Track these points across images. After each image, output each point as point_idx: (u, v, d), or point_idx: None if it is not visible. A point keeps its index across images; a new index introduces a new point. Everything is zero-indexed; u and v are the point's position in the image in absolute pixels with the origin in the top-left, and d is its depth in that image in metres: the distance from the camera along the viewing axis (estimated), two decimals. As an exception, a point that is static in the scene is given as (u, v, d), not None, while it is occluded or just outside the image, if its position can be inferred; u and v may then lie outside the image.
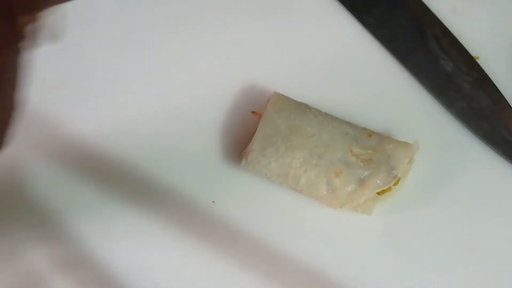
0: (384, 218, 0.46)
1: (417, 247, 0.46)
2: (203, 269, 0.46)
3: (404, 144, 0.44)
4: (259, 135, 0.44)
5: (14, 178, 0.48)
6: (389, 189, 0.44)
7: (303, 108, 0.46)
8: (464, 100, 0.49)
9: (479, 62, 0.49)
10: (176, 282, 0.46)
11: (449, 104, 0.49)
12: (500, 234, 0.46)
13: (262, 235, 0.46)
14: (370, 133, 0.45)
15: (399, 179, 0.44)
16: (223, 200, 0.47)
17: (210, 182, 0.48)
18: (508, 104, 0.48)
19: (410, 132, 0.47)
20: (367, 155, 0.44)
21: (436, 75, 0.49)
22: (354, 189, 0.43)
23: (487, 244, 0.46)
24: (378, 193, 0.44)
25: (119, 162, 0.48)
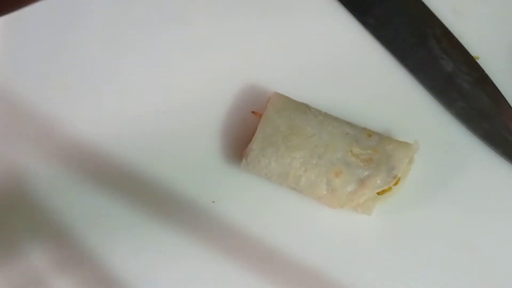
0: (384, 218, 0.46)
1: (417, 247, 0.46)
2: (203, 269, 0.46)
3: (404, 144, 0.44)
4: (259, 135, 0.44)
5: (14, 178, 0.48)
6: (389, 189, 0.44)
7: (303, 108, 0.46)
8: (464, 100, 0.49)
9: (479, 62, 0.49)
10: (176, 282, 0.46)
11: (449, 104, 0.49)
12: (500, 234, 0.46)
13: (262, 235, 0.46)
14: (370, 133, 0.45)
15: (399, 179, 0.44)
16: (223, 200, 0.47)
17: (210, 182, 0.48)
18: (508, 104, 0.48)
19: (410, 132, 0.47)
20: (367, 155, 0.44)
21: (436, 75, 0.49)
22: (354, 189, 0.43)
23: (487, 244, 0.46)
24: (378, 193, 0.44)
25: (119, 162, 0.48)
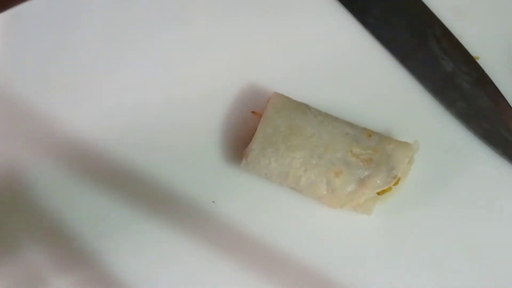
0: (384, 218, 0.46)
1: (416, 247, 0.46)
2: (203, 268, 0.46)
3: (404, 144, 0.44)
4: (259, 135, 0.44)
5: (14, 177, 0.48)
6: (389, 189, 0.44)
7: (303, 108, 0.46)
8: (464, 100, 0.49)
9: (479, 62, 0.49)
10: (176, 282, 0.46)
11: (449, 104, 0.49)
12: (500, 234, 0.46)
13: (262, 235, 0.46)
14: (370, 133, 0.45)
15: (399, 179, 0.44)
16: (223, 200, 0.47)
17: (210, 182, 0.48)
18: (508, 104, 0.48)
19: (410, 132, 0.47)
20: (367, 155, 0.44)
21: (436, 75, 0.49)
22: (354, 189, 0.43)
23: (487, 244, 0.46)
24: (378, 193, 0.44)
25: (119, 163, 0.48)
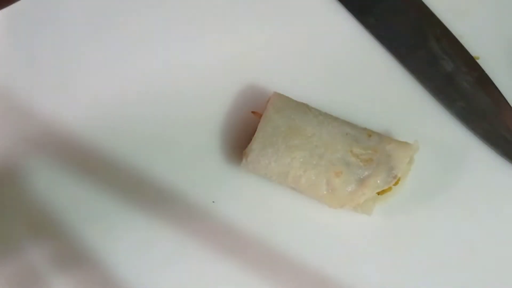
0: (384, 218, 0.46)
1: (417, 247, 0.46)
2: (203, 268, 0.46)
3: (404, 144, 0.44)
4: (259, 135, 0.44)
5: (12, 176, 0.48)
6: (389, 189, 0.44)
7: (303, 108, 0.46)
8: (464, 100, 0.49)
9: (479, 62, 0.49)
10: (176, 282, 0.46)
11: (449, 104, 0.49)
12: (499, 234, 0.46)
13: (262, 235, 0.46)
14: (370, 133, 0.45)
15: (399, 179, 0.44)
16: (223, 200, 0.47)
17: (210, 182, 0.48)
18: (508, 104, 0.48)
19: (410, 132, 0.47)
20: (367, 155, 0.44)
21: (436, 75, 0.49)
22: (354, 189, 0.43)
23: (487, 244, 0.46)
24: (378, 193, 0.44)
25: (119, 163, 0.48)
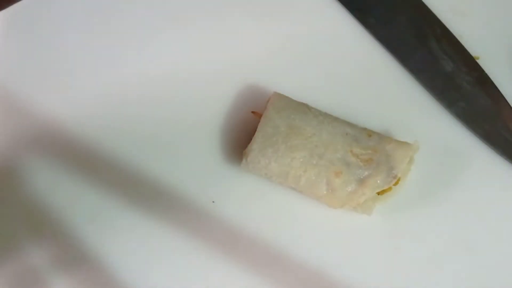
0: (384, 218, 0.46)
1: (417, 247, 0.46)
2: (203, 269, 0.46)
3: (404, 144, 0.44)
4: (259, 135, 0.44)
5: (12, 176, 0.48)
6: (389, 189, 0.44)
7: (303, 108, 0.46)
8: (464, 100, 0.49)
9: (479, 62, 0.49)
10: (175, 282, 0.46)
11: (449, 104, 0.49)
12: (499, 234, 0.46)
13: (262, 235, 0.46)
14: (370, 133, 0.45)
15: (399, 179, 0.44)
16: (223, 200, 0.47)
17: (210, 182, 0.48)
18: (508, 104, 0.48)
19: (410, 132, 0.47)
20: (367, 155, 0.44)
21: (436, 75, 0.49)
22: (354, 189, 0.43)
23: (487, 244, 0.46)
24: (378, 193, 0.44)
25: (120, 163, 0.48)
